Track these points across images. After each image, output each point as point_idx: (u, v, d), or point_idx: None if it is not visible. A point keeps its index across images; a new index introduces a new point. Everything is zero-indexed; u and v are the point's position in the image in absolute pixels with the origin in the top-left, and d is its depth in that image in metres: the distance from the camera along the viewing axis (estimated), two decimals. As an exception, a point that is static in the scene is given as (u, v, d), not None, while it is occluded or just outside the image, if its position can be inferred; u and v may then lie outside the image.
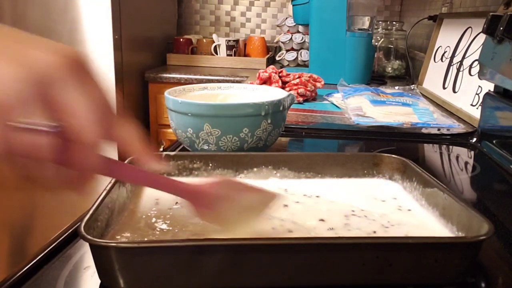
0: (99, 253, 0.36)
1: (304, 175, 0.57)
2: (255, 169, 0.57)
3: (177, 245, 0.36)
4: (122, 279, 0.35)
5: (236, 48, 2.13)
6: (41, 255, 0.41)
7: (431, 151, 0.87)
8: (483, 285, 0.41)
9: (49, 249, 0.42)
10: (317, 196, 0.52)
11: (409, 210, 0.49)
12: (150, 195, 0.51)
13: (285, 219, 0.46)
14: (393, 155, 0.57)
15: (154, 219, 0.46)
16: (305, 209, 0.49)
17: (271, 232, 0.44)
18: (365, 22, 1.57)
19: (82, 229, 0.35)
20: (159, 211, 0.48)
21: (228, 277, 0.36)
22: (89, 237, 0.35)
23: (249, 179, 0.56)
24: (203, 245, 0.36)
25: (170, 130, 1.88)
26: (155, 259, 0.35)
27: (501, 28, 0.71)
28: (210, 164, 0.56)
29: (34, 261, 0.41)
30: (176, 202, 0.50)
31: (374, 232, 0.44)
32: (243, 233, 0.43)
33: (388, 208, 0.50)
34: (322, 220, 0.46)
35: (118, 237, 0.42)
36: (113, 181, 0.46)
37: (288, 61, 2.09)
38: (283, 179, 0.57)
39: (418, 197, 0.51)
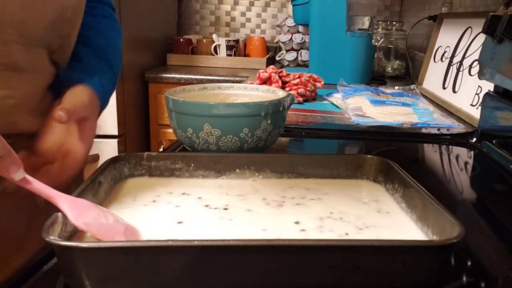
0: (60, 253, 0.36)
1: (287, 176, 0.56)
2: (237, 170, 0.56)
3: (136, 245, 0.35)
4: (85, 279, 0.35)
5: (236, 48, 2.13)
6: (41, 255, 0.41)
7: (431, 151, 0.87)
8: (482, 285, 0.41)
9: (49, 249, 0.42)
10: (293, 198, 0.51)
11: (388, 212, 0.48)
12: (128, 194, 0.51)
13: (260, 219, 0.46)
14: (376, 157, 0.56)
15: (126, 217, 0.45)
16: (281, 211, 0.48)
17: (242, 233, 0.43)
18: (365, 22, 1.57)
19: (44, 230, 0.35)
20: (133, 209, 0.47)
21: (191, 279, 0.35)
22: (50, 237, 0.34)
23: (230, 179, 0.56)
24: (165, 246, 0.34)
25: (170, 130, 1.88)
26: (115, 260, 0.34)
27: (501, 28, 0.71)
28: (192, 165, 0.56)
29: (34, 261, 0.41)
30: (154, 200, 0.50)
31: (346, 234, 0.43)
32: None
33: (367, 210, 0.49)
34: (296, 222, 0.45)
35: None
36: (88, 181, 0.46)
37: (288, 61, 2.09)
38: (265, 179, 0.56)
39: (399, 200, 0.50)
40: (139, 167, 0.55)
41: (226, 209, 0.48)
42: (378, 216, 0.48)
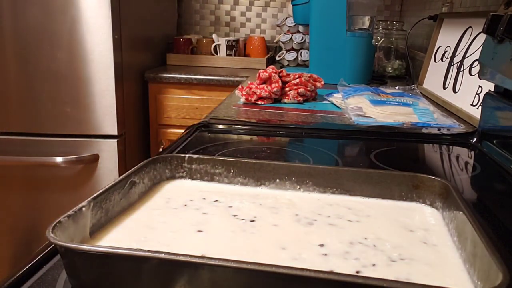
0: (62, 254, 0.36)
1: (331, 191, 0.53)
2: (277, 180, 0.54)
3: (132, 254, 0.33)
4: (85, 280, 0.35)
5: (236, 48, 2.13)
6: (41, 255, 0.41)
7: (431, 151, 0.86)
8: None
9: (49, 249, 0.42)
10: (328, 217, 0.47)
11: (435, 245, 0.42)
12: (164, 195, 0.51)
13: (284, 236, 0.43)
14: (436, 177, 0.50)
15: (153, 219, 0.45)
16: (309, 230, 0.45)
17: (256, 249, 0.40)
18: (365, 22, 1.57)
19: (49, 229, 0.35)
20: (162, 211, 0.47)
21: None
22: (51, 235, 0.34)
23: (269, 189, 0.53)
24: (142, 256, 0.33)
25: (170, 130, 1.88)
26: (110, 266, 0.34)
27: (502, 28, 0.71)
28: (232, 171, 0.54)
29: (34, 261, 0.41)
30: (185, 205, 0.49)
31: (373, 265, 0.38)
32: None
33: (410, 239, 0.43)
34: (321, 245, 0.41)
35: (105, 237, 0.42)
36: (118, 181, 0.46)
37: (288, 61, 2.09)
38: (305, 193, 0.53)
39: (452, 232, 0.44)
40: (181, 169, 0.55)
41: (252, 221, 0.46)
42: (422, 248, 0.41)
